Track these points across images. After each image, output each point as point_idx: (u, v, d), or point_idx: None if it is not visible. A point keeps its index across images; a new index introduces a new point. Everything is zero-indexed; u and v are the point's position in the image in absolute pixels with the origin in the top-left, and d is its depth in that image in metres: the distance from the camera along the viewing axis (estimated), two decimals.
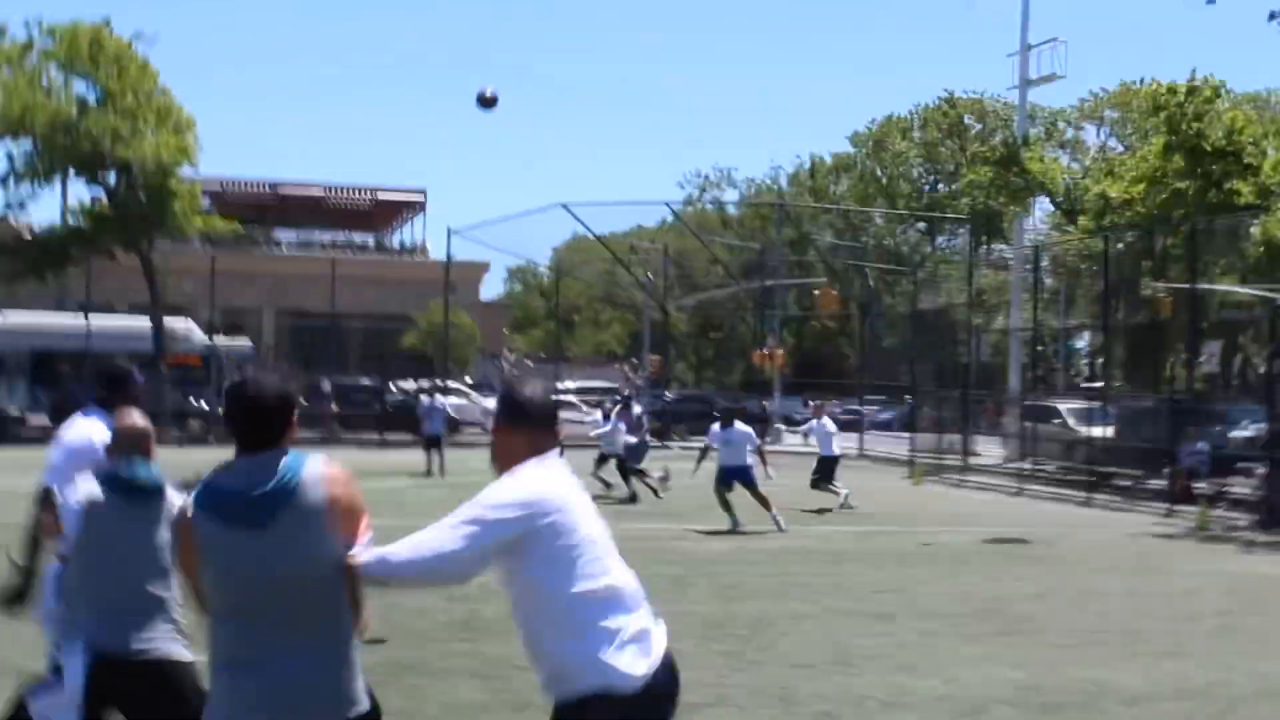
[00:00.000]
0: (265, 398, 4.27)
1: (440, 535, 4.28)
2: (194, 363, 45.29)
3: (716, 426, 21.68)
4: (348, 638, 4.30)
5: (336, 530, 4.21)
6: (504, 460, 4.59)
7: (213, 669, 4.25)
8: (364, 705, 4.35)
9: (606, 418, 26.73)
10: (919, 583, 14.83)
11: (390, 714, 8.29)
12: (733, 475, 20.75)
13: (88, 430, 6.79)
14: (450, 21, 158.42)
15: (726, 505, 20.33)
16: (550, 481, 4.50)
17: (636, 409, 27.96)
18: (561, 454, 4.65)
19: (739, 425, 21.33)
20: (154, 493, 5.80)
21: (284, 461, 4.23)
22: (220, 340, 47.17)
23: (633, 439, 25.89)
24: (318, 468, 4.25)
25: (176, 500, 5.53)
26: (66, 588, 5.94)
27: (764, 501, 20.49)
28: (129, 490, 5.78)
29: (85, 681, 5.59)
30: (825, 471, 25.37)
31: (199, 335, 47.78)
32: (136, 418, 6.06)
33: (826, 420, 25.96)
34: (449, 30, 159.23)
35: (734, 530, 19.72)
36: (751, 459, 21.05)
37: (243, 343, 48.63)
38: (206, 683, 4.41)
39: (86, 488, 5.82)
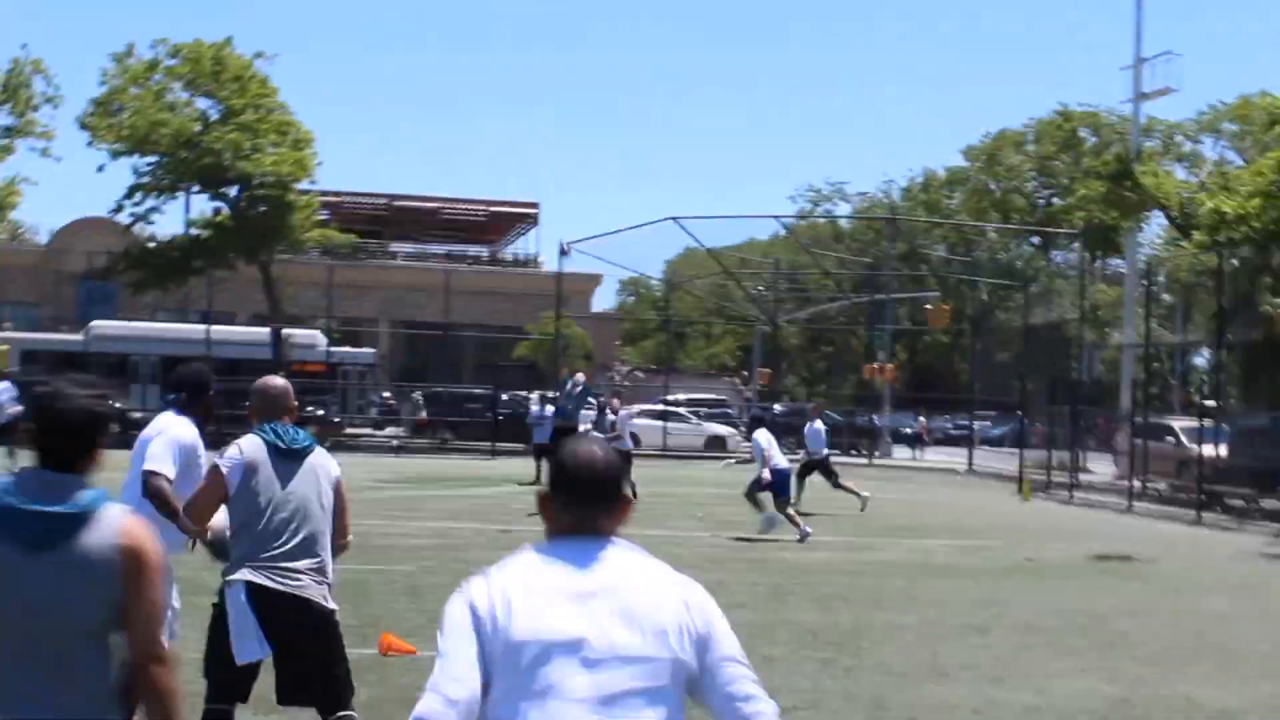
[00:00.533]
0: (69, 416, 3.84)
1: None
2: (318, 370, 46.46)
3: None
4: (101, 698, 3.75)
5: (119, 585, 3.70)
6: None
7: None
8: None
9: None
10: (1018, 597, 14.90)
11: None
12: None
13: (182, 426, 7.42)
14: (562, 38, 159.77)
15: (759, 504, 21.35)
16: None
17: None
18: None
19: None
20: (302, 452, 6.48)
21: (83, 492, 3.77)
22: (343, 349, 48.34)
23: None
24: (117, 515, 3.80)
25: (325, 459, 6.50)
26: (232, 535, 6.51)
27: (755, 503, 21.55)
28: (279, 450, 6.43)
29: (250, 609, 6.23)
30: (826, 470, 25.72)
31: (323, 344, 48.91)
32: (281, 382, 6.99)
33: (818, 422, 26.62)
34: (561, 46, 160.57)
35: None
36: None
37: (365, 352, 49.71)
38: None
39: (249, 445, 6.49)
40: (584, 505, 3.47)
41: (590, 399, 25.07)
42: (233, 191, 45.47)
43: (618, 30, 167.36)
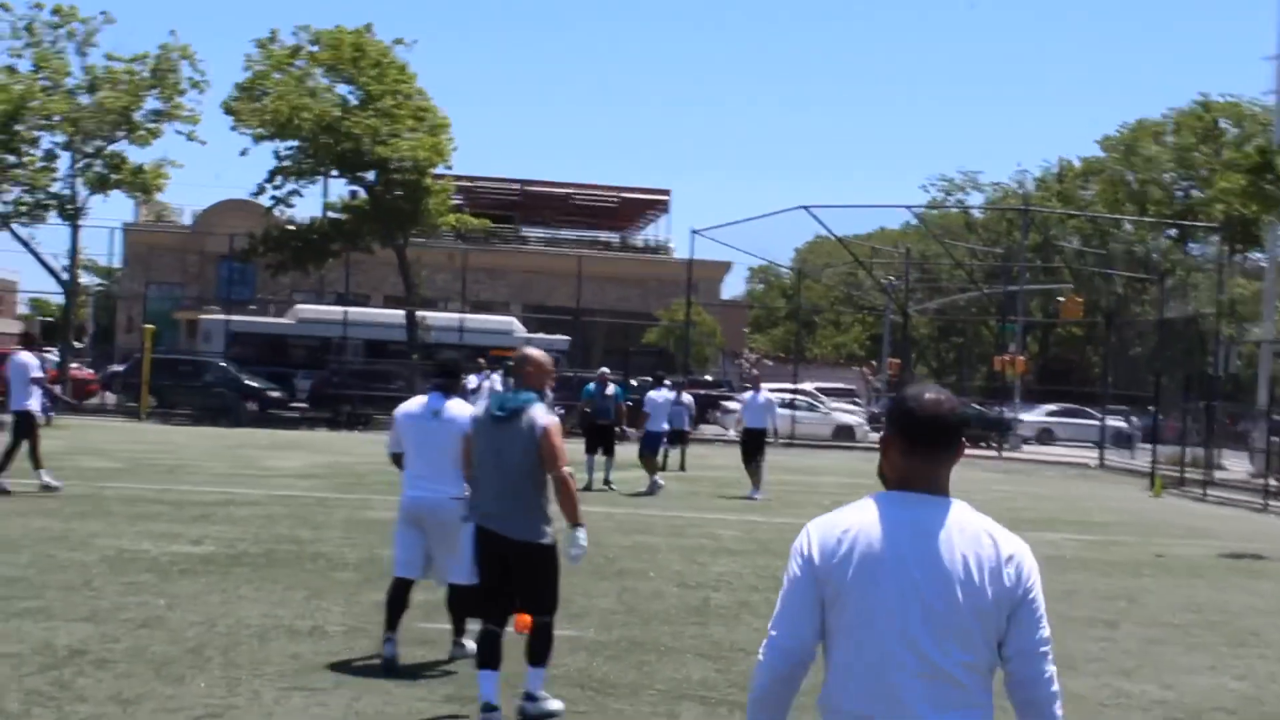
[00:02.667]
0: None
1: None
2: (512, 355, 47.62)
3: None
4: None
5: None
6: None
7: None
8: None
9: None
10: (1148, 592, 14.88)
11: (621, 687, 8.95)
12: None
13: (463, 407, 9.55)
14: (696, 25, 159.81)
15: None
16: None
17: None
18: None
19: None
20: (513, 415, 7.95)
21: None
22: (539, 335, 50.10)
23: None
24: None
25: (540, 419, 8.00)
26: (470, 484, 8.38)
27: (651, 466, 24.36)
28: (497, 415, 8.04)
29: (474, 547, 8.08)
30: (752, 446, 24.68)
31: (519, 330, 51.15)
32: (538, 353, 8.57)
33: (763, 392, 25.89)
34: (694, 33, 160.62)
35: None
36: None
37: (560, 339, 50.87)
38: None
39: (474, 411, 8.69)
40: (928, 450, 3.76)
41: (615, 393, 25.13)
42: (370, 176, 46.25)
43: (752, 18, 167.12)
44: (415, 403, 9.73)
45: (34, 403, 18.98)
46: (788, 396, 45.19)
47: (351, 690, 8.62)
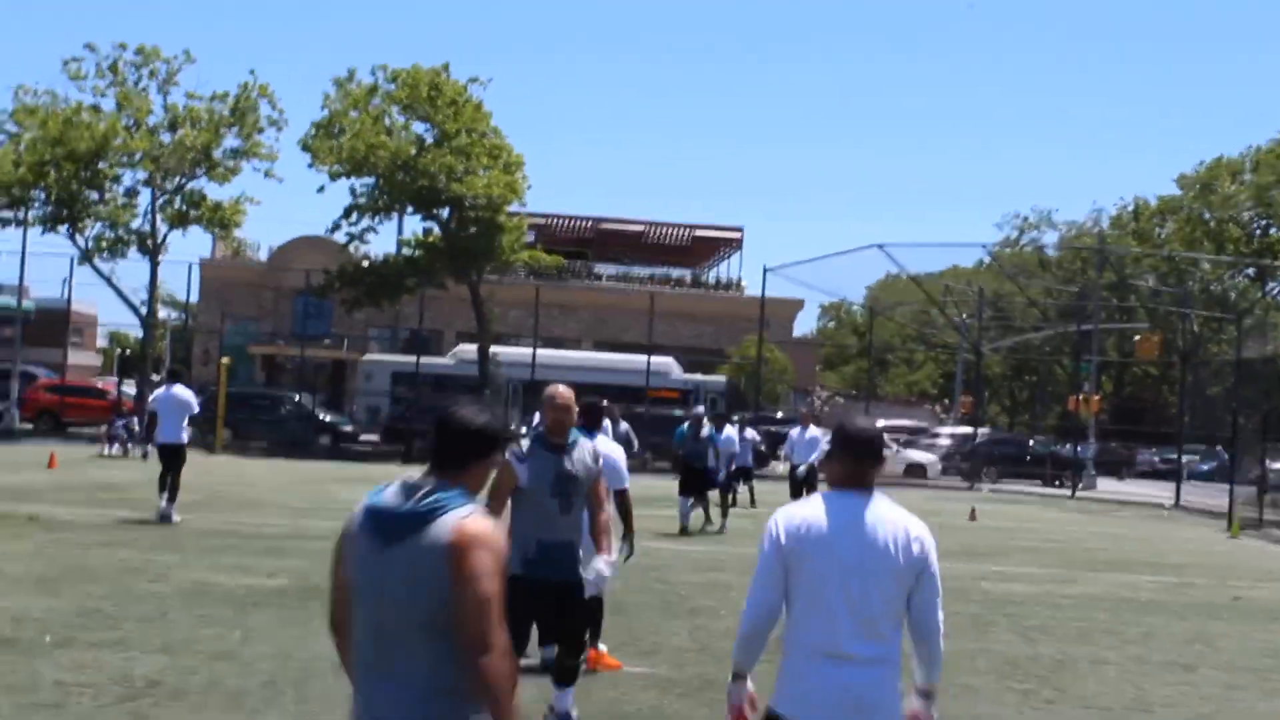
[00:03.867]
0: (457, 429, 4.33)
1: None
2: (672, 396, 49.69)
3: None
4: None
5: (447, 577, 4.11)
6: None
7: None
8: None
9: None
10: (1226, 636, 14.68)
11: None
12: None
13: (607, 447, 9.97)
14: (770, 64, 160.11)
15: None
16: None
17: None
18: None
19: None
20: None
21: (439, 495, 4.18)
22: (697, 376, 52.37)
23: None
24: (457, 516, 4.12)
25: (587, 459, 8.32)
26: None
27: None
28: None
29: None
30: (800, 485, 24.20)
31: (678, 372, 52.80)
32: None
33: (813, 428, 25.09)
34: (769, 72, 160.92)
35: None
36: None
37: (717, 380, 51.61)
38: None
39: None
40: (859, 460, 5.24)
41: (710, 434, 24.28)
42: (445, 213, 46.58)
43: (825, 57, 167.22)
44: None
45: (186, 435, 20.30)
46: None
47: None
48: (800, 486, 23.98)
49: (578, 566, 8.21)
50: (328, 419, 43.92)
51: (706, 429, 24.09)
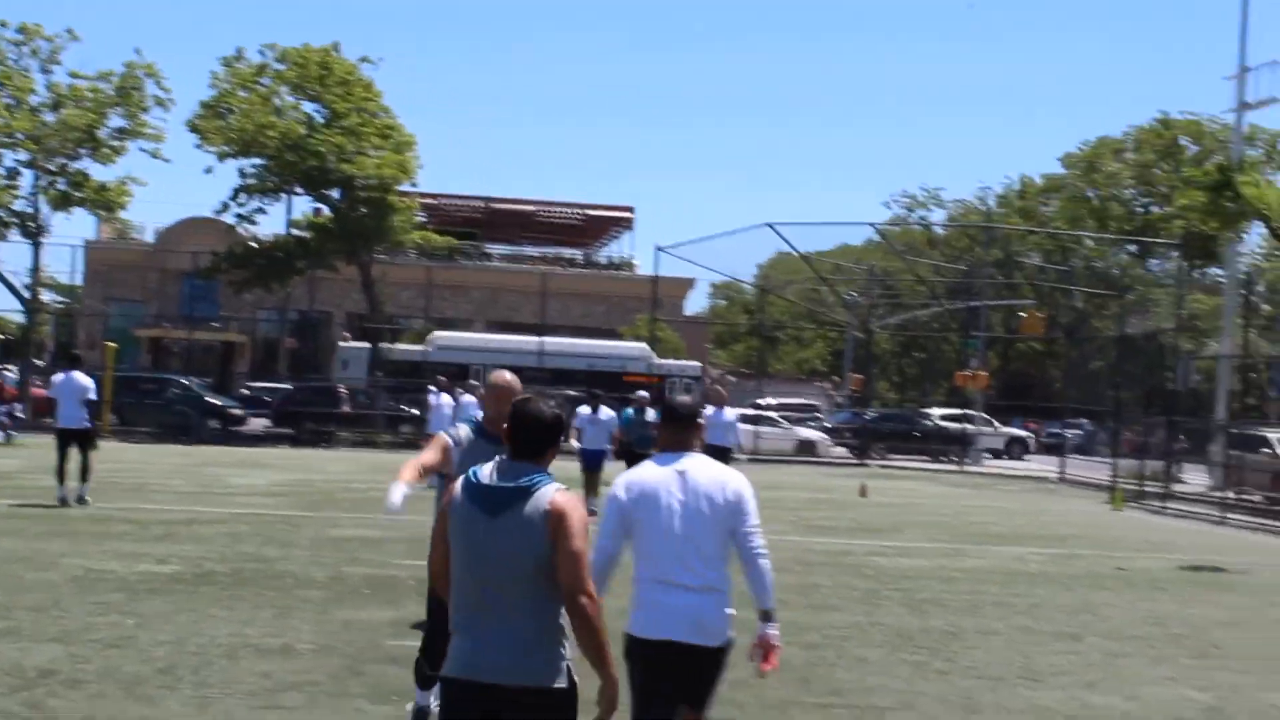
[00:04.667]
0: (535, 420, 5.23)
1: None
2: (651, 381, 49.27)
3: (585, 410, 23.58)
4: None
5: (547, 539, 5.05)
6: None
7: None
8: None
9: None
10: (1111, 605, 15.03)
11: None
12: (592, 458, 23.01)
13: None
14: (657, 43, 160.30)
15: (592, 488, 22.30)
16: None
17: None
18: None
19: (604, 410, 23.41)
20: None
21: (531, 474, 5.14)
22: (670, 361, 52.39)
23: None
24: (549, 490, 5.06)
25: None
26: None
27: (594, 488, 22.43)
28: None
29: None
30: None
31: (653, 358, 52.48)
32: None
33: (727, 410, 24.11)
34: (657, 52, 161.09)
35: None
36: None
37: (691, 364, 51.78)
38: None
39: None
40: (681, 427, 6.41)
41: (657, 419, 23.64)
42: (335, 193, 46.23)
43: (714, 36, 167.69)
44: None
45: (88, 420, 20.63)
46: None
47: (323, 708, 8.66)
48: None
49: None
50: (216, 402, 43.38)
51: (652, 413, 22.91)
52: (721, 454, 23.34)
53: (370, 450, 40.05)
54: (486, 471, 5.10)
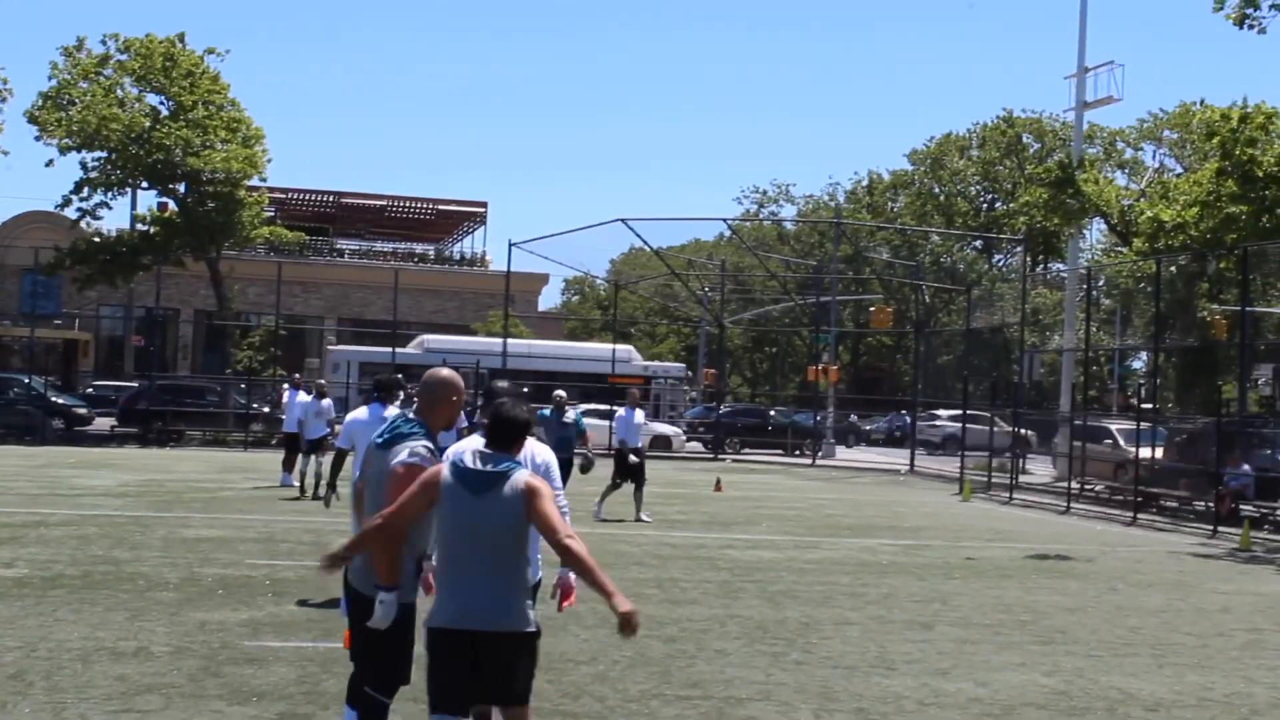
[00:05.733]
0: (509, 420, 6.38)
1: None
2: (636, 382, 50.39)
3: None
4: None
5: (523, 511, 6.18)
6: None
7: None
8: None
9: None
10: (961, 594, 15.36)
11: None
12: None
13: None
14: (512, 40, 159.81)
15: None
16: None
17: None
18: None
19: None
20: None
21: (505, 462, 6.22)
22: (657, 364, 55.02)
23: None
24: (522, 474, 6.17)
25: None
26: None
27: None
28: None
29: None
30: (627, 466, 23.06)
31: (638, 359, 55.07)
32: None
33: (639, 411, 23.83)
34: (510, 49, 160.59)
35: None
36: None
37: (675, 366, 52.50)
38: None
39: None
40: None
41: (575, 419, 22.99)
42: (181, 188, 45.43)
43: (566, 31, 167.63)
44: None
45: None
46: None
47: (180, 710, 8.54)
48: (628, 468, 22.90)
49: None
50: (60, 401, 42.39)
51: (571, 414, 22.17)
52: (635, 454, 22.96)
53: (221, 449, 39.46)
54: (469, 459, 6.15)
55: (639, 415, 23.60)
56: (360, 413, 13.27)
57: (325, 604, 12.21)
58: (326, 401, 25.77)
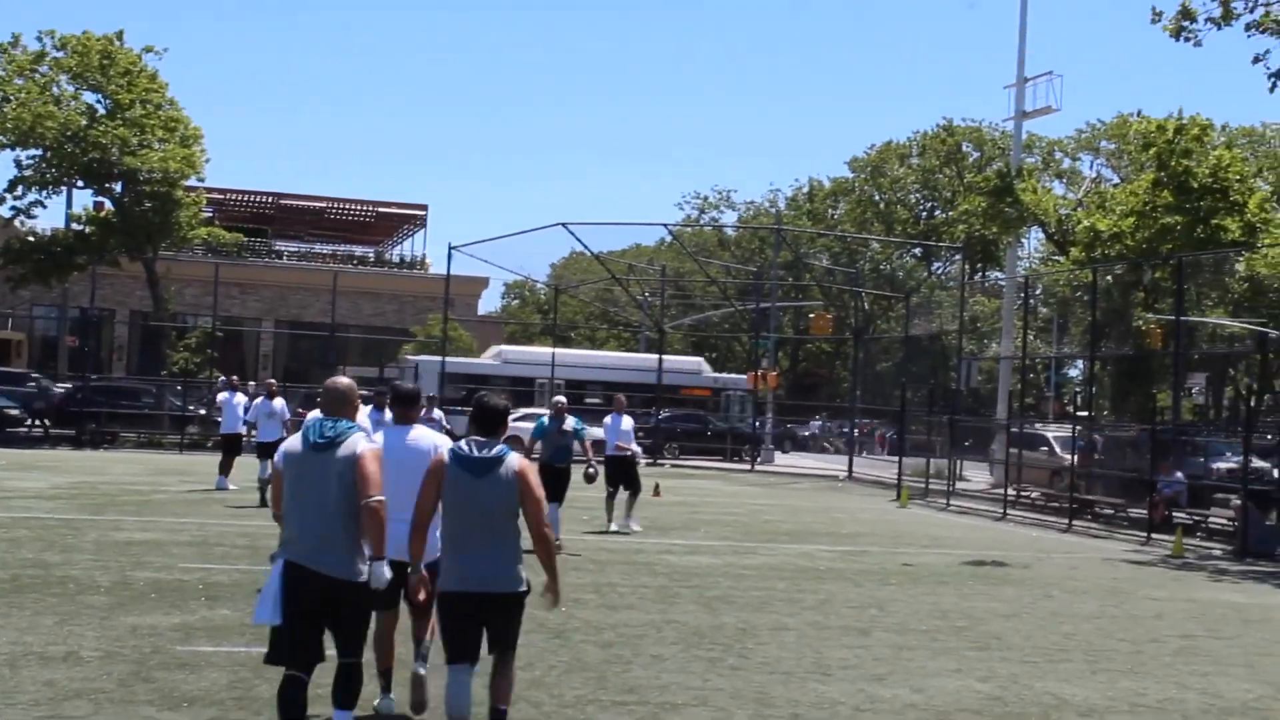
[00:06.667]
0: (492, 409, 7.77)
1: None
2: (704, 394, 54.18)
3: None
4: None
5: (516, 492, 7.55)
6: None
7: None
8: None
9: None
10: (897, 600, 15.41)
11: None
12: None
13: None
14: (453, 42, 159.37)
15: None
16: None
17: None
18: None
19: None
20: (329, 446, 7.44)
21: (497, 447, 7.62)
22: (725, 375, 56.76)
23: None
24: (514, 458, 7.55)
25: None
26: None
27: None
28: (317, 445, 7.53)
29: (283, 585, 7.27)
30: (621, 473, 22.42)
31: (708, 371, 56.76)
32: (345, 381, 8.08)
33: (626, 417, 22.89)
34: (452, 50, 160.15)
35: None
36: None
37: (739, 378, 54.94)
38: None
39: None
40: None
41: (575, 427, 21.79)
42: (118, 187, 45.02)
43: (508, 33, 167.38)
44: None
45: None
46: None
47: (110, 716, 8.43)
48: (620, 475, 22.21)
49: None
50: None
51: (571, 421, 20.13)
52: (626, 461, 22.33)
53: (156, 451, 39.09)
54: (467, 447, 7.49)
55: (626, 422, 22.98)
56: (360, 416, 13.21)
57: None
58: (279, 402, 25.47)
